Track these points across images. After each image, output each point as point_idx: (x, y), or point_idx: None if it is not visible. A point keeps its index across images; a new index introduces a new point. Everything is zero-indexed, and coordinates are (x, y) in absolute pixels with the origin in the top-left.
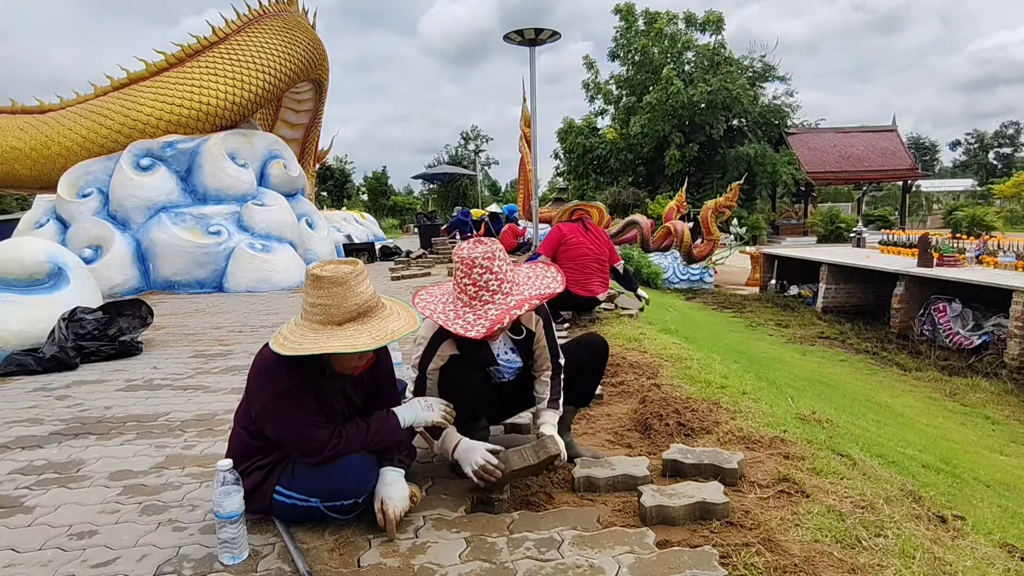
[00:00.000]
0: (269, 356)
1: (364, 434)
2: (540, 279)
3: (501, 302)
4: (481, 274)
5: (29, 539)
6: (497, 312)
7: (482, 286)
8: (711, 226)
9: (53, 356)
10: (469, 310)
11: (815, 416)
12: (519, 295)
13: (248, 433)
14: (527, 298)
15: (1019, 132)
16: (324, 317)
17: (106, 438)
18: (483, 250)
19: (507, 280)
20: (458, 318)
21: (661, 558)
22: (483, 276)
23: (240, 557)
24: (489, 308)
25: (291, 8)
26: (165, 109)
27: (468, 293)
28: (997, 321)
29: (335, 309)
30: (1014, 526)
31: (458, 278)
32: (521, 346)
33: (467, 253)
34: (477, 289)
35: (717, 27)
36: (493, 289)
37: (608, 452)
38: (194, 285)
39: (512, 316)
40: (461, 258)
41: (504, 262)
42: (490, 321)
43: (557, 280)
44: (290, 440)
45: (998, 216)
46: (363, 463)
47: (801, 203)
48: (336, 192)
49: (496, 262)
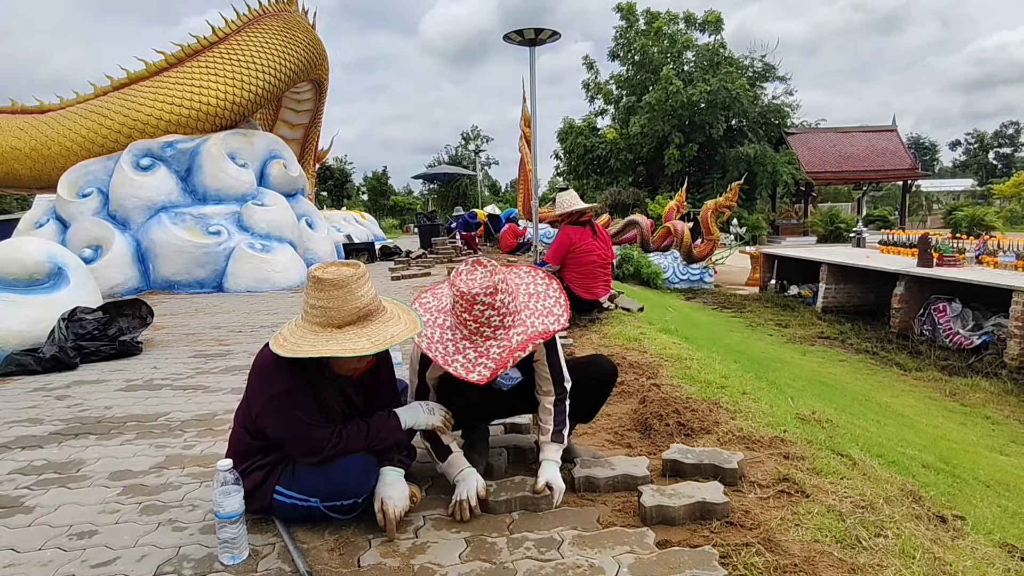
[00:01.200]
0: (270, 356)
1: (365, 434)
2: (543, 307)
3: (503, 337)
4: (482, 311)
5: (29, 539)
6: (500, 351)
7: (483, 323)
8: (711, 226)
9: (53, 356)
10: (470, 345)
11: (815, 416)
12: (522, 330)
13: (248, 433)
14: (531, 337)
15: (1019, 132)
16: (324, 320)
17: (106, 438)
18: (484, 283)
19: (509, 312)
20: (458, 352)
21: (661, 558)
22: (484, 312)
23: (240, 557)
24: (491, 345)
25: (291, 8)
26: (165, 109)
27: (468, 328)
28: (997, 321)
29: (335, 312)
30: (1014, 526)
31: (457, 311)
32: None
33: (466, 288)
34: (478, 326)
35: (716, 27)
36: (495, 325)
37: (608, 452)
38: (194, 285)
39: (516, 358)
40: (460, 293)
41: (506, 293)
42: (493, 363)
43: (561, 316)
44: (290, 440)
45: (998, 216)
46: (363, 463)
47: (801, 203)
48: (336, 192)
49: (498, 296)
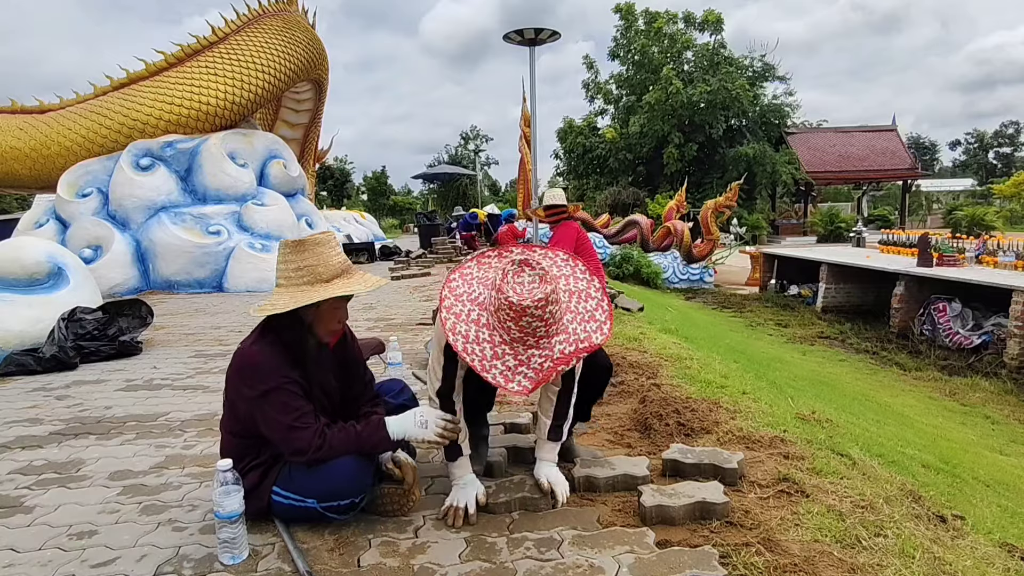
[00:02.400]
0: (250, 355)
1: (353, 439)
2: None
3: (546, 346)
4: (530, 323)
5: (29, 539)
6: (541, 360)
7: (529, 332)
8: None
9: (53, 356)
10: (509, 352)
11: (815, 416)
12: (564, 338)
13: (234, 436)
14: (575, 352)
15: (1019, 132)
16: (312, 277)
17: (106, 438)
18: (535, 295)
19: (555, 321)
20: (496, 358)
21: (661, 558)
22: (531, 324)
23: (240, 557)
24: (533, 354)
25: (291, 8)
26: (165, 109)
27: (511, 335)
28: (997, 321)
29: (322, 268)
30: (1014, 526)
31: (501, 318)
32: None
33: (516, 299)
34: (522, 335)
35: (716, 27)
36: (540, 335)
37: (608, 452)
38: (194, 285)
39: (559, 372)
40: (509, 303)
41: (555, 304)
42: (534, 374)
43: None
44: (277, 441)
45: (998, 216)
46: (358, 464)
47: (801, 203)
48: (336, 192)
49: (548, 308)
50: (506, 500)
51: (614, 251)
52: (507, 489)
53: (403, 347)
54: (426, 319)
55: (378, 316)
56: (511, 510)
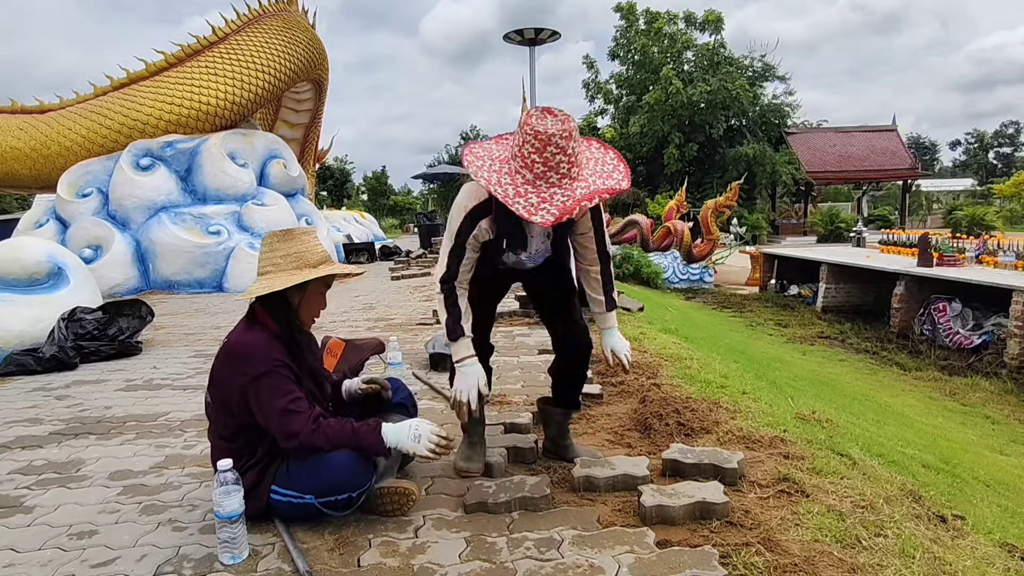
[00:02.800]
0: (239, 343)
1: (347, 433)
2: (602, 169)
3: (568, 187)
4: (554, 154)
5: (29, 539)
6: (563, 199)
7: (552, 167)
8: (711, 226)
9: (53, 356)
10: (532, 189)
11: (815, 416)
12: (584, 185)
13: (225, 440)
14: (598, 190)
15: (1019, 132)
16: (300, 262)
17: (106, 438)
18: (560, 127)
19: (576, 163)
20: (519, 196)
21: (661, 558)
22: (555, 156)
23: (240, 557)
24: (555, 192)
25: (291, 8)
26: (165, 109)
27: (534, 171)
28: (997, 321)
29: (310, 254)
30: (1014, 526)
31: (525, 152)
32: (557, 233)
33: (542, 127)
34: (546, 169)
35: (716, 27)
36: (562, 172)
37: (608, 452)
38: (194, 285)
39: (582, 208)
40: (536, 132)
41: (577, 142)
42: (558, 210)
43: (621, 173)
44: (272, 427)
45: (998, 216)
46: (356, 459)
47: (801, 203)
48: (336, 192)
49: (571, 143)
50: (506, 500)
51: (614, 251)
52: (507, 489)
53: (403, 347)
54: (426, 319)
55: (378, 316)
56: (511, 510)
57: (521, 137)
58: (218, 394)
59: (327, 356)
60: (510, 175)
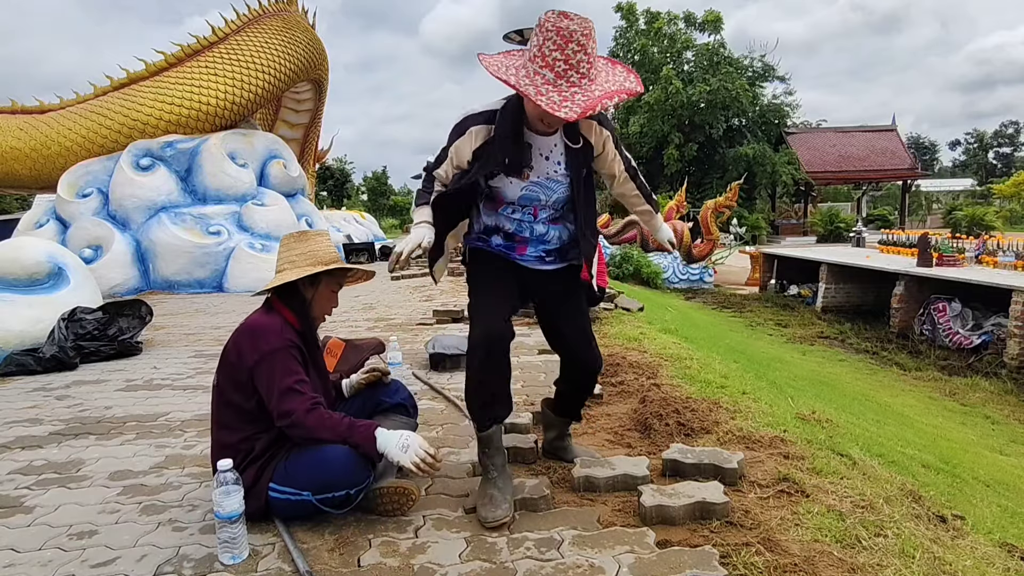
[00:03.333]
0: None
1: (343, 426)
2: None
3: (587, 88)
4: (575, 51)
5: (29, 539)
6: (584, 98)
7: (573, 65)
8: (711, 226)
9: (53, 356)
10: (553, 89)
11: (815, 416)
12: (603, 85)
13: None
14: (617, 90)
15: (1019, 132)
16: (314, 260)
17: (106, 438)
18: (581, 24)
19: (594, 66)
20: (540, 95)
21: (661, 558)
22: (576, 55)
23: (240, 557)
24: (575, 92)
25: (291, 8)
26: (165, 109)
27: (555, 70)
28: (997, 321)
29: (323, 253)
30: (1014, 526)
31: (546, 51)
32: (574, 158)
33: (564, 24)
34: (567, 67)
35: (716, 27)
36: (583, 72)
37: (608, 452)
38: (194, 285)
39: (604, 105)
40: (557, 28)
41: (595, 44)
42: (580, 106)
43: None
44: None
45: (997, 216)
46: (353, 456)
47: (801, 203)
48: (336, 192)
49: (591, 42)
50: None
51: (614, 251)
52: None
53: (403, 347)
54: (426, 319)
55: (378, 316)
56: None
57: (541, 36)
58: (227, 373)
59: (327, 356)
60: (529, 76)
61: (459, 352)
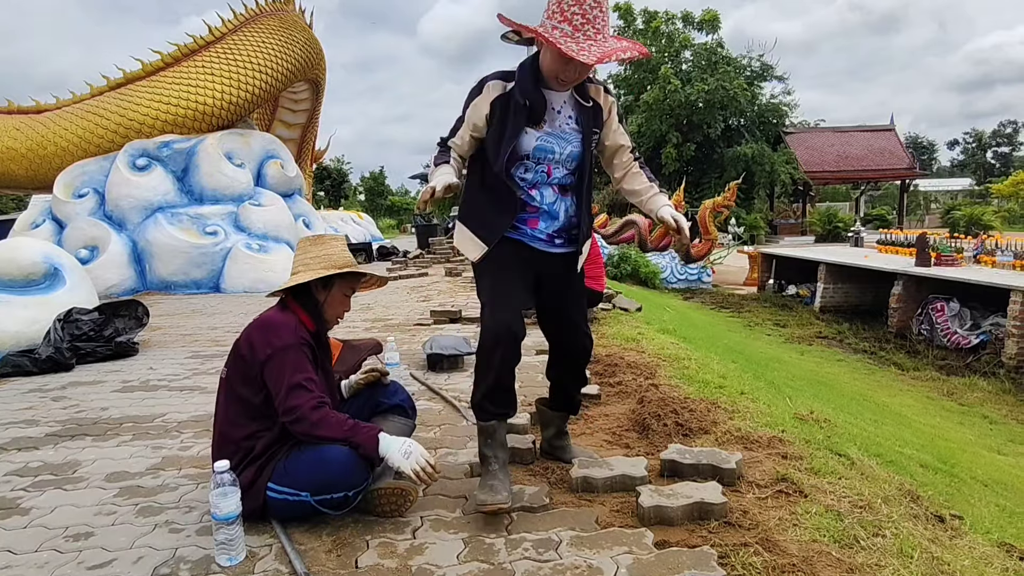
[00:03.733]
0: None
1: (347, 427)
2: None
3: (602, 42)
4: (592, 7)
5: (25, 541)
6: (600, 49)
7: (589, 20)
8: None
9: (49, 357)
10: (571, 40)
11: (813, 416)
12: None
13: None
14: (630, 46)
15: (1017, 131)
16: (329, 263)
17: (102, 439)
18: None
19: (607, 24)
20: (559, 43)
21: (659, 558)
22: (592, 10)
23: (237, 559)
24: (592, 46)
25: (288, 8)
26: (161, 109)
27: (573, 23)
28: (995, 320)
29: (337, 257)
30: (1012, 525)
31: (565, 6)
32: (585, 118)
33: None
34: (584, 21)
35: (714, 26)
36: (598, 28)
37: (606, 452)
38: (191, 285)
39: (619, 56)
40: None
41: (608, 6)
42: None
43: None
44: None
45: (996, 215)
46: (352, 458)
47: (799, 203)
48: (333, 192)
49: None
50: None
51: (612, 251)
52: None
53: (400, 347)
54: (424, 319)
55: (375, 316)
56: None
57: None
58: (237, 366)
59: None
60: (547, 31)
61: (456, 353)
